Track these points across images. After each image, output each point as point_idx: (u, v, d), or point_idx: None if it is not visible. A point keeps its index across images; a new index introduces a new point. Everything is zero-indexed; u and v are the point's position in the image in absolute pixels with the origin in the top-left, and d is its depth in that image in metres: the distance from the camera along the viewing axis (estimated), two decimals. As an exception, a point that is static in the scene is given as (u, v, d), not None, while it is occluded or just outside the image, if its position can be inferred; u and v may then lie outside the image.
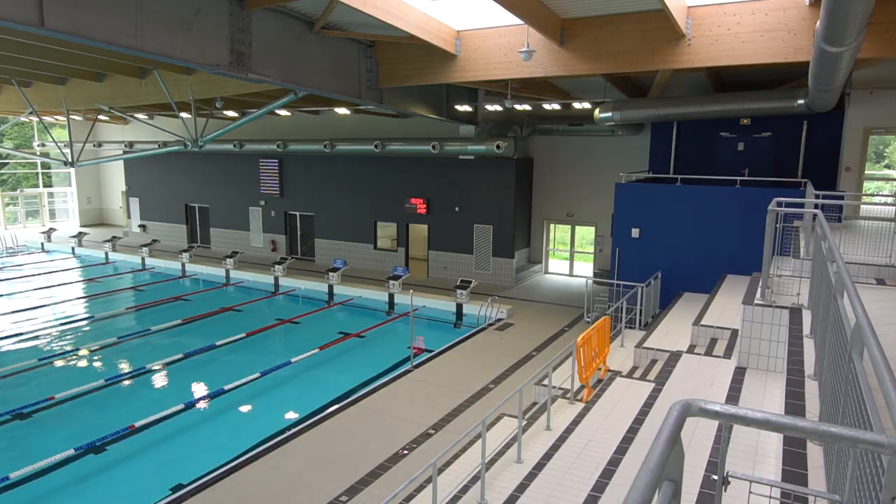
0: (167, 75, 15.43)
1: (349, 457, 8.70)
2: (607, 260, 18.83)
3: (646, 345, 10.22)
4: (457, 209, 20.35)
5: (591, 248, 20.63)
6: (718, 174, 15.08)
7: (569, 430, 7.12)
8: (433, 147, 19.37)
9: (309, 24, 11.51)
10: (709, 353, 8.74)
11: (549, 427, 7.69)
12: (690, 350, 9.04)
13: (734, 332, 8.81)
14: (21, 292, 19.76)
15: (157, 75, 15.03)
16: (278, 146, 22.68)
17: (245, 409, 11.10)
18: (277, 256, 23.08)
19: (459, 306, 16.65)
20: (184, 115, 18.14)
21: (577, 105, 17.07)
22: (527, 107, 17.02)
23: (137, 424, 9.87)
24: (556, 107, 17.26)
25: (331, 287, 18.95)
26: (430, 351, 13.48)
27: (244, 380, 11.87)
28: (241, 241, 25.54)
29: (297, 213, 24.31)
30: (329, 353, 13.77)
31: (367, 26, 11.70)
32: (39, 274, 22.51)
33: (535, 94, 16.22)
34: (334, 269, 19.19)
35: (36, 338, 15.19)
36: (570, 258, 21.17)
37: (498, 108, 17.06)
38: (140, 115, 22.88)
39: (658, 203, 14.75)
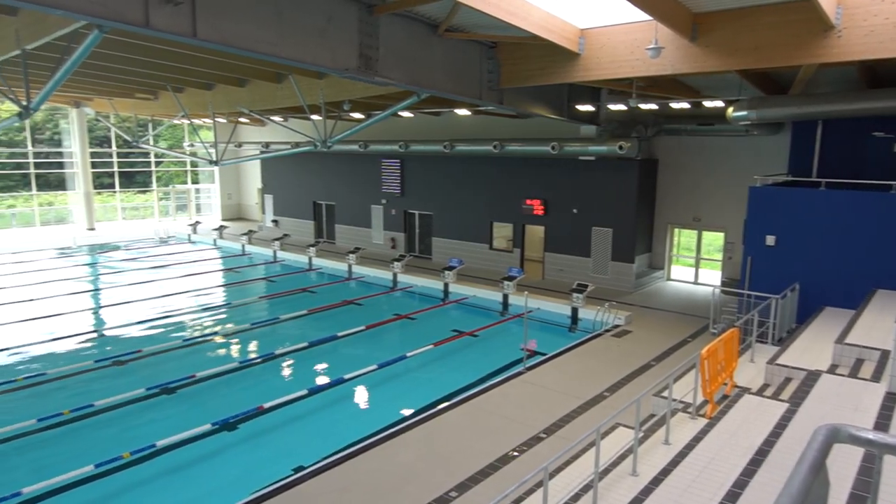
0: (301, 80, 16.40)
1: (459, 453, 8.80)
2: (737, 268, 17.66)
3: (779, 361, 9.45)
4: (575, 211, 19.95)
5: (719, 255, 19.41)
6: (869, 178, 13.63)
7: (689, 447, 6.75)
8: (552, 147, 19.11)
9: (433, 27, 11.76)
10: (853, 374, 7.94)
11: (668, 441, 7.33)
12: (831, 370, 8.26)
13: (884, 353, 7.94)
14: (170, 279, 21.85)
15: (292, 80, 16.00)
16: (400, 146, 23.38)
17: (362, 398, 11.56)
18: (396, 254, 23.83)
19: (575, 310, 16.31)
20: (315, 117, 19.20)
21: (707, 104, 16.13)
22: (653, 106, 16.33)
23: (265, 406, 10.58)
24: (685, 105, 16.42)
25: (446, 285, 19.26)
26: (544, 354, 13.31)
27: (362, 371, 12.36)
28: (364, 237, 26.63)
29: (416, 212, 24.94)
30: (442, 350, 13.99)
31: (490, 27, 11.75)
32: (186, 263, 24.76)
33: (661, 92, 15.53)
34: (450, 268, 19.48)
35: (181, 320, 16.73)
36: (695, 265, 20.07)
37: (622, 107, 16.52)
38: (276, 118, 24.49)
39: (798, 209, 13.59)
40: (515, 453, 8.79)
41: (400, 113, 18.55)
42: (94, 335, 15.54)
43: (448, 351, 14.04)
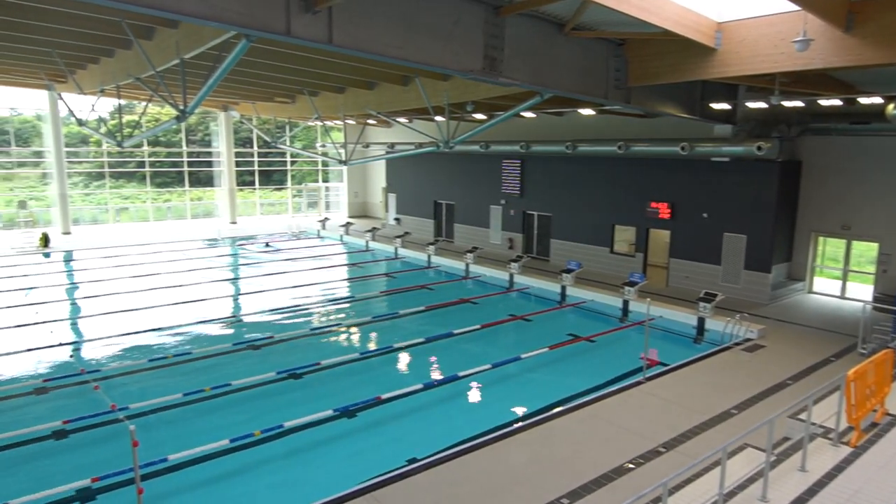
0: (426, 82, 16.80)
1: (572, 460, 8.62)
2: (893, 283, 15.90)
3: (943, 389, 8.39)
4: (704, 215, 18.86)
5: (872, 268, 17.52)
6: None
7: (830, 476, 6.16)
8: (682, 148, 18.18)
9: (558, 26, 11.59)
10: None
11: (805, 468, 6.74)
12: None
13: None
14: (301, 271, 23.25)
15: (418, 82, 16.42)
16: (521, 147, 23.29)
17: (475, 396, 11.65)
18: (514, 254, 23.78)
19: (701, 320, 15.42)
20: (438, 118, 19.58)
21: (863, 100, 14.62)
22: (798, 103, 15.06)
23: (383, 397, 10.96)
24: (836, 102, 14.99)
25: (563, 288, 18.94)
26: (665, 364, 12.72)
27: (476, 369, 12.46)
28: (481, 237, 26.83)
29: (535, 213, 24.74)
30: (558, 354, 13.78)
31: (619, 24, 11.39)
32: (314, 257, 26.23)
33: (808, 88, 14.27)
34: (568, 271, 19.13)
35: (309, 310, 17.75)
36: (842, 277, 18.25)
37: (762, 105, 15.38)
38: (401, 119, 25.28)
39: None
40: (631, 465, 8.47)
41: (522, 113, 18.49)
42: (233, 320, 16.88)
43: (563, 355, 13.80)
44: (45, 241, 26.80)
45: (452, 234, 28.79)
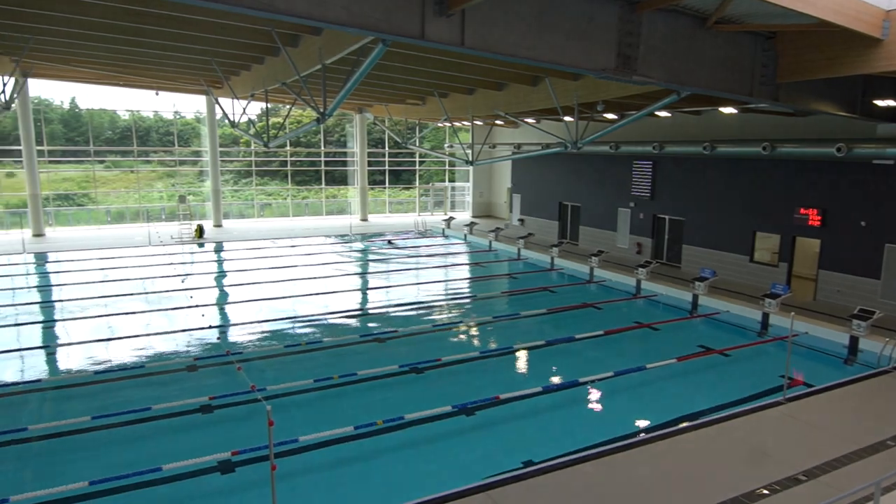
0: (556, 82, 16.59)
1: (699, 480, 8.14)
2: None
3: None
4: (862, 224, 17.02)
5: None
6: None
7: None
8: (838, 150, 16.51)
9: (699, 21, 10.96)
10: None
11: (980, 515, 5.90)
12: None
13: None
14: (425, 268, 23.86)
15: (548, 82, 16.26)
16: (654, 148, 22.31)
17: (595, 404, 11.34)
18: (642, 259, 22.86)
19: (854, 339, 13.96)
20: (567, 118, 19.27)
21: None
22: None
23: (502, 397, 10.98)
24: None
25: (695, 297, 17.92)
26: (810, 385, 11.65)
27: (598, 376, 12.12)
28: (607, 240, 26.04)
29: (666, 217, 23.61)
30: (686, 366, 13.06)
31: (768, 16, 10.57)
32: (439, 255, 26.80)
33: None
34: (701, 279, 18.07)
35: (432, 307, 18.17)
36: None
37: (938, 101, 13.63)
38: (529, 119, 25.16)
39: None
40: (765, 491, 7.84)
41: (656, 112, 17.71)
42: (361, 313, 17.68)
43: (693, 368, 13.06)
44: (200, 232, 29.58)
45: (577, 237, 28.21)
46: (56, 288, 20.79)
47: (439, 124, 33.03)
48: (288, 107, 29.09)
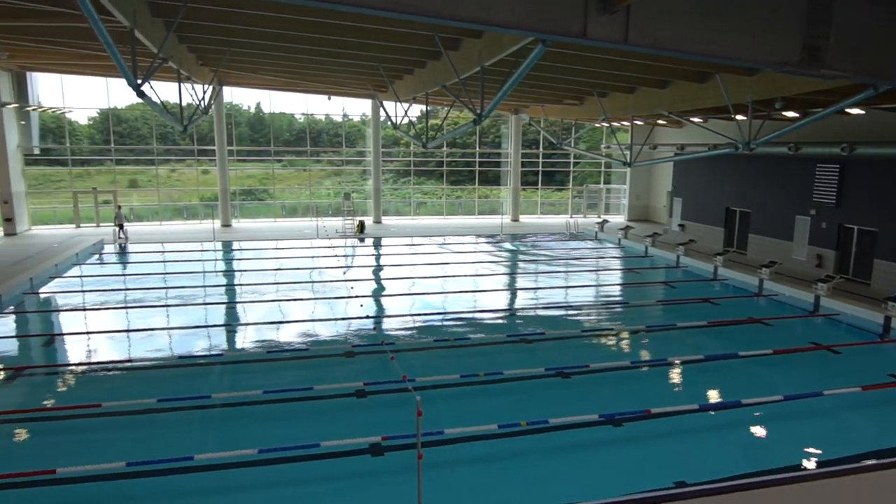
0: (727, 78, 15.44)
1: (885, 528, 7.15)
2: None
3: None
4: None
5: None
6: None
7: None
8: None
9: (908, 4, 9.60)
10: None
11: None
12: None
13: None
14: (576, 271, 23.40)
15: (719, 79, 15.19)
16: (843, 149, 19.92)
17: (759, 429, 10.40)
18: (822, 273, 20.56)
19: None
20: (739, 117, 17.86)
21: None
22: None
23: (653, 411, 10.43)
24: None
25: (888, 319, 15.77)
26: None
27: (763, 398, 11.08)
28: (781, 251, 23.72)
29: (854, 227, 21.00)
30: (874, 396, 11.51)
31: None
32: (591, 258, 26.13)
33: None
34: (896, 299, 15.88)
35: (581, 311, 17.76)
36: None
37: None
38: (695, 119, 23.68)
39: None
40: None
41: (847, 110, 15.82)
42: (508, 312, 17.74)
43: (882, 399, 11.48)
44: (361, 228, 31.46)
45: (745, 245, 26.02)
46: (238, 273, 23.22)
47: (597, 125, 32.19)
48: (446, 109, 29.99)
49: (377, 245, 29.37)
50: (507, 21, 7.48)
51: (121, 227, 28.18)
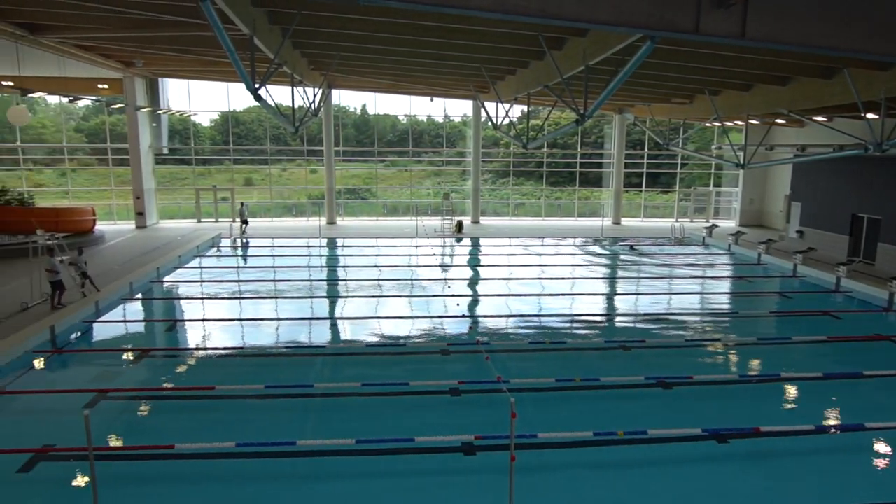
0: (856, 73, 14.22)
1: None
2: None
3: None
4: None
5: None
6: None
7: None
8: None
9: None
10: None
11: None
12: None
13: None
14: (680, 277, 22.40)
15: (847, 74, 14.02)
16: None
17: (883, 457, 9.49)
18: (965, 289, 18.46)
19: None
20: (870, 115, 16.42)
21: None
22: None
23: (763, 429, 9.79)
24: None
25: None
26: None
27: (891, 424, 10.12)
28: (916, 262, 21.53)
29: None
30: None
31: None
32: (697, 265, 24.92)
33: None
34: None
35: (685, 320, 16.99)
36: None
37: None
38: (818, 118, 21.99)
39: None
40: None
41: None
42: (606, 317, 17.27)
43: None
44: (459, 227, 31.73)
45: (873, 256, 23.83)
46: (340, 268, 24.13)
47: (707, 124, 30.66)
48: (548, 109, 29.64)
49: (475, 245, 29.52)
50: (612, 18, 7.29)
51: (245, 222, 30.17)
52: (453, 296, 18.67)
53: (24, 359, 12.63)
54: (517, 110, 31.96)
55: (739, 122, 26.90)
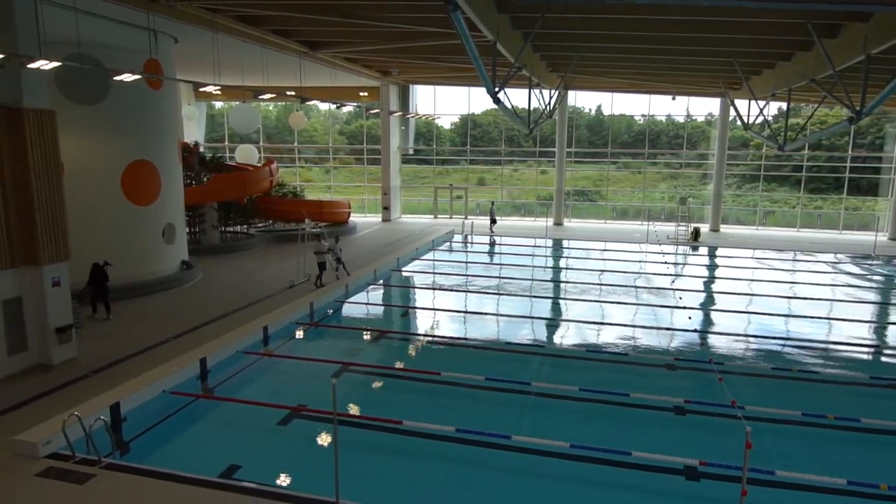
0: None
1: None
2: None
3: None
4: None
5: None
6: None
7: None
8: None
9: None
10: None
11: None
12: None
13: None
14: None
15: None
16: None
17: None
18: None
19: None
20: None
21: None
22: None
23: None
24: None
25: None
26: None
27: None
28: None
29: None
30: None
31: None
32: None
33: None
34: None
35: None
36: None
37: None
38: None
39: None
40: None
41: None
42: (873, 349, 14.72)
43: None
44: (696, 235, 29.49)
45: None
46: (565, 270, 24.02)
47: None
48: (812, 106, 26.09)
49: (712, 255, 27.22)
50: (909, -3, 6.15)
51: (493, 221, 31.56)
52: (684, 308, 17.42)
53: (289, 328, 14.77)
54: (773, 108, 28.73)
55: None
